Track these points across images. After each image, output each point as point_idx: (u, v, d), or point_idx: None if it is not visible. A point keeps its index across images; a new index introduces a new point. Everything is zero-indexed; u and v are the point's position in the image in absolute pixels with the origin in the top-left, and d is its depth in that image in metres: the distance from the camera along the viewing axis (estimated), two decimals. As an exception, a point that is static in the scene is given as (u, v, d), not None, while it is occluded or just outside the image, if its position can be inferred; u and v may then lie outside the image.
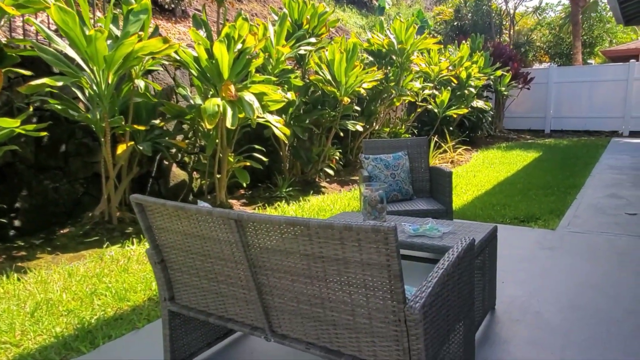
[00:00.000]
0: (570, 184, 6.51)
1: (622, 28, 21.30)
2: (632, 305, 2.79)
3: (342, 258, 1.45)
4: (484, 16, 17.31)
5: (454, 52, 11.48)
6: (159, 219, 1.90)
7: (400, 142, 4.22)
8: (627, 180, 6.59)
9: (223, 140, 5.49)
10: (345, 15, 18.01)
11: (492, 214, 5.04)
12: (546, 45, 20.73)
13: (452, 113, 10.62)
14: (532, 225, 4.58)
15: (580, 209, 5.12)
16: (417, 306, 1.38)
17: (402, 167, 3.98)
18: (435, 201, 3.90)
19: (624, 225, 4.47)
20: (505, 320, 2.67)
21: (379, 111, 8.65)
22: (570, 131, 14.42)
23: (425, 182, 4.15)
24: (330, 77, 6.69)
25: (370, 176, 3.91)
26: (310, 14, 6.78)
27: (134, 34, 4.04)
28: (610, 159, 8.73)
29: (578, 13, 17.10)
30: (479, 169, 8.41)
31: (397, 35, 8.12)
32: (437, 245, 2.41)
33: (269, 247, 1.60)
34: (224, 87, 4.83)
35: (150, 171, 5.66)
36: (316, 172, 7.30)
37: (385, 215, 2.96)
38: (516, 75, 13.36)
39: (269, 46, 5.82)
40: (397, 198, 3.96)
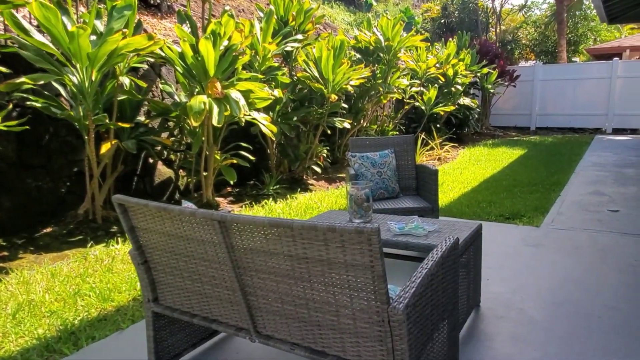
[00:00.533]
0: (555, 181, 6.60)
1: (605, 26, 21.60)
2: (612, 301, 2.84)
3: (326, 259, 1.45)
4: (470, 14, 17.41)
5: (441, 50, 11.54)
6: (141, 220, 1.88)
7: (387, 140, 4.23)
8: (609, 178, 6.69)
9: (209, 137, 5.45)
10: (333, 11, 17.98)
11: (478, 211, 5.09)
12: (532, 43, 20.93)
13: (439, 110, 10.68)
14: (517, 222, 4.63)
15: (564, 206, 5.19)
16: (400, 307, 1.38)
17: (389, 165, 3.99)
18: (422, 199, 3.92)
19: (606, 222, 4.54)
20: (489, 317, 2.70)
21: (366, 108, 8.66)
22: (555, 128, 14.59)
23: (411, 180, 4.16)
24: (317, 74, 6.67)
25: (357, 174, 3.92)
26: (296, 11, 6.76)
27: (118, 30, 3.99)
28: (593, 156, 8.86)
29: (563, 11, 17.29)
30: (466, 166, 8.48)
31: (384, 32, 8.13)
32: (422, 244, 2.42)
33: (253, 248, 1.60)
34: (210, 85, 4.79)
35: (135, 169, 5.60)
36: (304, 170, 7.29)
37: (371, 213, 2.96)
38: (502, 72, 13.47)
39: (255, 43, 5.78)
40: (384, 196, 3.97)
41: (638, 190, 5.87)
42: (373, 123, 9.65)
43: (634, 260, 3.48)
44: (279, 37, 6.11)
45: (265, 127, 5.50)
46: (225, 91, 4.80)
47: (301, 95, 7.05)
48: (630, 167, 7.48)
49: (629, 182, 6.32)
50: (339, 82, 6.66)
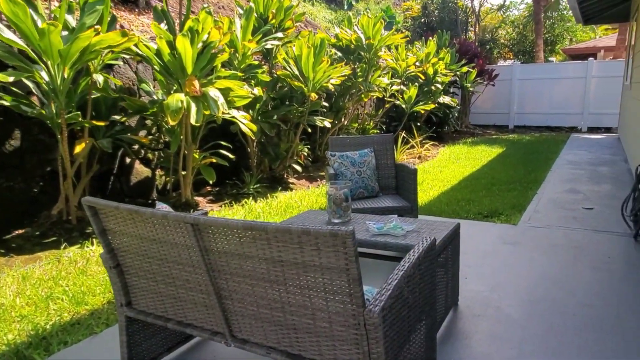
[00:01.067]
0: (532, 179, 6.70)
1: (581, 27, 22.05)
2: (586, 299, 2.89)
3: (301, 262, 1.43)
4: (450, 13, 17.57)
5: (421, 49, 11.61)
6: (112, 222, 1.83)
7: (367, 139, 4.22)
8: (584, 175, 6.83)
9: (188, 136, 5.37)
10: (314, 9, 17.92)
11: (457, 210, 5.13)
12: (510, 43, 21.23)
13: (419, 109, 10.74)
14: (495, 220, 4.69)
15: (540, 204, 5.27)
16: (376, 310, 1.37)
17: (368, 164, 3.99)
18: (401, 198, 3.93)
19: (580, 219, 4.63)
20: (467, 316, 2.72)
21: (347, 107, 8.66)
22: (533, 127, 14.84)
23: (391, 179, 4.17)
24: (297, 72, 6.64)
25: (337, 173, 3.90)
26: (276, 8, 6.70)
27: (91, 26, 3.89)
28: (569, 154, 9.04)
29: (540, 12, 17.58)
30: (446, 164, 8.55)
31: (365, 30, 8.13)
32: (401, 244, 2.42)
33: (227, 251, 1.56)
34: (187, 83, 4.72)
35: (111, 168, 5.49)
36: (284, 169, 7.25)
37: (350, 213, 2.96)
38: (481, 71, 13.63)
39: (234, 41, 5.71)
40: (363, 195, 3.96)
41: (611, 188, 6.00)
42: (354, 121, 9.66)
43: (607, 258, 3.55)
44: (259, 35, 6.05)
45: (245, 125, 5.44)
46: (204, 89, 4.73)
47: (281, 94, 7.00)
48: (604, 165, 7.65)
49: (603, 180, 6.46)
50: (319, 80, 6.63)
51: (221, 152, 5.89)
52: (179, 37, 4.46)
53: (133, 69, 5.76)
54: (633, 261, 3.49)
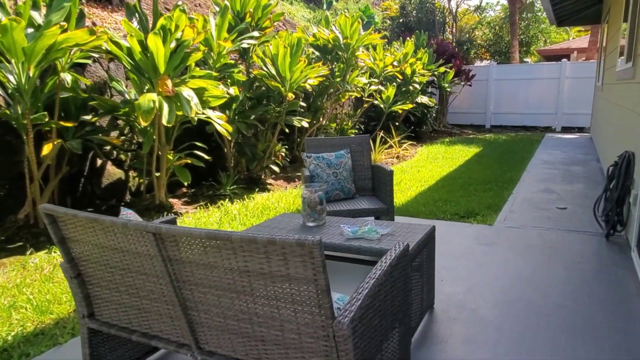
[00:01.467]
0: (508, 179, 6.77)
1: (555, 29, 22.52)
2: (560, 299, 2.91)
3: (268, 272, 1.37)
4: (428, 14, 17.70)
5: (399, 49, 11.65)
6: (72, 231, 1.74)
7: (343, 140, 4.18)
8: (558, 175, 6.94)
9: (161, 137, 5.25)
10: (293, 8, 17.83)
11: (434, 210, 5.14)
12: (487, 44, 21.53)
13: (397, 109, 10.78)
14: (471, 221, 4.71)
15: (515, 204, 5.33)
16: (345, 321, 1.32)
17: (345, 165, 3.95)
18: (378, 199, 3.91)
19: (554, 219, 4.68)
20: (443, 319, 2.70)
21: (325, 107, 8.62)
22: (509, 127, 15.06)
23: (367, 181, 4.14)
24: (274, 72, 6.56)
25: (312, 175, 3.85)
26: (254, 7, 6.61)
27: (57, 23, 3.74)
28: (543, 154, 9.19)
29: (515, 13, 17.86)
30: (423, 164, 8.59)
31: (342, 30, 8.10)
32: (375, 248, 2.38)
33: (191, 261, 1.50)
34: (160, 82, 4.60)
35: (82, 170, 5.33)
36: (262, 169, 7.17)
37: (324, 216, 2.91)
38: (458, 72, 13.76)
39: (209, 39, 5.61)
40: (340, 197, 3.92)
41: (584, 187, 6.11)
42: (332, 121, 9.62)
43: (580, 257, 3.59)
44: (234, 34, 5.95)
45: (221, 126, 5.35)
46: (177, 89, 4.62)
47: (258, 93, 6.91)
48: (577, 165, 7.79)
49: (576, 180, 6.58)
50: (296, 80, 6.57)
51: (196, 153, 5.78)
52: (151, 35, 4.34)
53: (104, 67, 5.60)
54: (604, 260, 3.53)
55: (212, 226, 4.75)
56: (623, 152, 3.85)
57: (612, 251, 3.71)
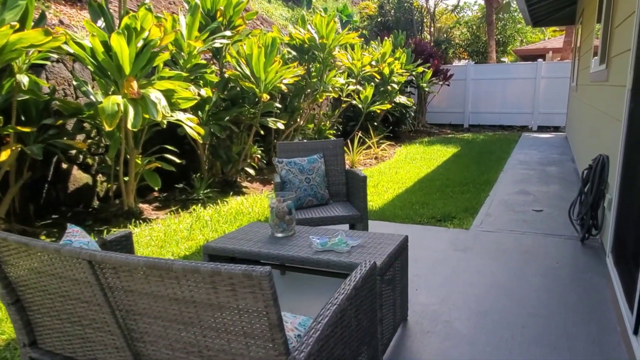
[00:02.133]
0: (485, 180, 6.76)
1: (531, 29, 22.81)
2: (535, 309, 2.85)
3: (217, 303, 1.24)
4: (406, 13, 17.71)
5: (377, 48, 11.59)
6: (6, 254, 1.57)
7: (316, 144, 4.06)
8: (534, 176, 6.96)
9: (129, 140, 5.05)
10: (271, 7, 17.63)
11: (410, 214, 5.06)
12: (465, 43, 21.68)
13: (376, 108, 10.71)
14: (447, 225, 4.64)
15: (492, 207, 5.29)
16: (301, 357, 1.21)
17: (317, 170, 3.83)
18: (352, 206, 3.80)
19: (530, 222, 4.65)
20: (416, 333, 2.61)
21: (302, 107, 8.48)
22: (487, 126, 15.17)
23: (341, 186, 4.03)
24: (249, 72, 6.40)
25: (284, 181, 3.73)
26: (224, 5, 6.42)
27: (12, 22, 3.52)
28: (520, 154, 9.24)
29: (492, 13, 18.01)
30: (402, 165, 8.54)
31: (318, 30, 7.97)
32: (344, 262, 2.27)
33: (133, 290, 1.36)
34: (125, 84, 4.41)
35: (46, 175, 5.09)
36: (237, 172, 7.00)
37: (294, 226, 2.79)
38: (437, 71, 13.78)
39: (179, 39, 5.42)
40: (313, 203, 3.80)
41: (559, 188, 6.12)
42: (310, 122, 9.50)
43: (555, 263, 3.55)
44: (206, 33, 5.77)
45: (192, 128, 5.17)
46: (143, 91, 4.44)
47: (232, 94, 6.74)
48: (552, 165, 7.84)
49: (552, 181, 6.60)
50: (271, 81, 6.42)
51: (167, 156, 5.58)
52: (114, 35, 4.14)
53: (69, 68, 5.36)
54: (580, 266, 3.50)
55: (182, 233, 4.58)
56: (597, 156, 3.82)
57: (588, 256, 3.68)
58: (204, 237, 4.46)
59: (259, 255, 2.46)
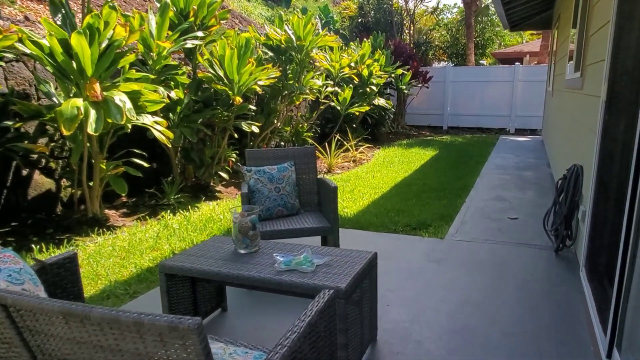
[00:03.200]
0: (462, 186, 6.71)
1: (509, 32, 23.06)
2: (507, 326, 2.76)
3: (145, 353, 1.09)
4: (386, 14, 17.68)
5: (356, 50, 11.49)
6: None
7: (286, 152, 3.91)
8: (510, 181, 6.94)
9: (93, 144, 4.82)
10: (250, 5, 17.39)
11: (385, 222, 4.96)
12: (444, 45, 21.79)
13: (354, 111, 10.62)
14: (422, 234, 4.55)
15: (468, 214, 5.23)
16: (240, 414, 1.06)
17: (288, 179, 3.69)
18: (323, 216, 3.67)
19: (505, 231, 4.60)
20: (385, 354, 2.49)
21: (279, 109, 8.32)
22: (465, 128, 15.24)
23: (313, 195, 3.89)
24: (222, 74, 6.21)
25: (253, 190, 3.57)
26: (198, 4, 6.22)
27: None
28: (497, 158, 9.25)
29: (471, 16, 18.13)
30: (379, 168, 8.45)
31: (296, 31, 7.82)
32: (307, 284, 2.13)
33: (54, 334, 1.19)
34: (87, 86, 4.19)
35: (4, 180, 4.82)
36: (210, 176, 6.80)
37: (258, 242, 2.64)
38: (416, 73, 13.76)
39: (147, 39, 5.20)
40: (283, 214, 3.66)
41: (535, 194, 6.11)
42: (287, 124, 9.34)
43: (529, 276, 3.48)
44: (176, 33, 5.56)
45: (161, 132, 4.97)
46: (107, 94, 4.22)
47: (205, 96, 6.54)
48: (528, 170, 7.85)
49: (527, 187, 6.59)
50: (245, 82, 6.24)
51: (135, 160, 5.36)
52: (74, 35, 3.92)
53: (30, 67, 5.10)
54: (553, 279, 3.44)
55: (147, 242, 4.38)
56: (572, 166, 3.78)
57: (562, 267, 3.62)
58: (171, 247, 4.27)
59: (218, 275, 2.31)
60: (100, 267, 3.75)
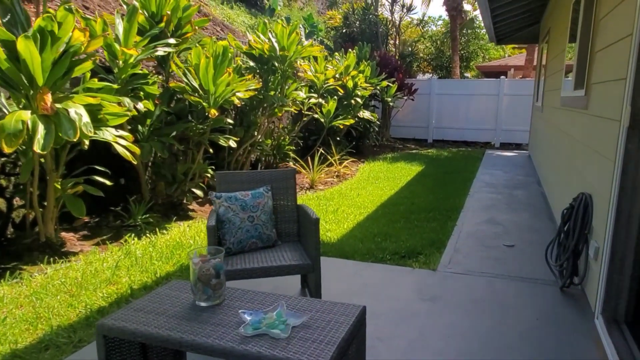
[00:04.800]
0: (451, 206, 6.35)
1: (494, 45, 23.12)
2: (519, 390, 2.35)
3: None
4: (371, 25, 17.45)
5: (340, 60, 11.14)
6: None
7: (262, 174, 3.47)
8: (502, 201, 6.60)
9: (48, 160, 4.31)
10: (233, 13, 17.00)
11: (372, 248, 4.54)
12: (429, 57, 21.68)
13: (338, 124, 10.25)
14: (412, 264, 4.13)
15: (460, 240, 4.84)
16: None
17: (263, 207, 3.24)
18: (303, 249, 3.22)
19: (502, 261, 4.22)
20: None
21: (259, 122, 7.87)
22: (451, 141, 15.00)
23: (292, 224, 3.45)
24: (197, 84, 5.75)
25: (223, 220, 3.11)
26: (172, 8, 5.77)
27: None
28: (485, 174, 8.94)
29: (456, 29, 18.03)
30: (364, 185, 8.06)
31: (279, 40, 7.41)
32: (279, 357, 1.68)
33: None
34: (38, 97, 3.69)
35: (-56, 200, 4.27)
36: (183, 193, 6.30)
37: (223, 292, 2.19)
38: (401, 86, 13.48)
39: (113, 45, 4.72)
40: (257, 246, 3.21)
41: (529, 217, 5.77)
42: (269, 137, 8.89)
43: (535, 320, 3.09)
44: (145, 40, 5.09)
45: (125, 147, 4.48)
46: (60, 106, 3.73)
47: (179, 108, 6.07)
48: (519, 189, 7.54)
49: (520, 207, 6.26)
50: (221, 94, 5.79)
51: (96, 178, 4.85)
52: (21, 39, 3.44)
53: (-22, 74, 4.56)
54: (562, 324, 3.05)
55: (104, 274, 3.87)
56: (579, 194, 3.42)
57: (571, 310, 3.23)
58: (130, 279, 3.77)
59: (168, 342, 1.85)
60: (43, 308, 3.23)
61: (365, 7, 18.05)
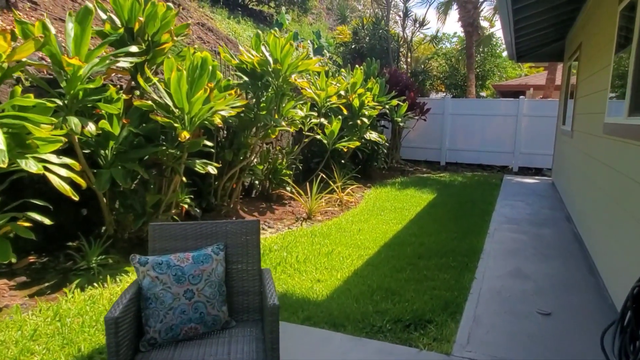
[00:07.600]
0: (468, 249, 5.36)
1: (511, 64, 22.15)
2: None
3: None
4: (382, 41, 16.65)
5: (347, 77, 10.29)
6: None
7: (216, 226, 2.54)
8: (528, 244, 5.58)
9: (-36, 195, 3.45)
10: (239, 27, 16.43)
11: (368, 312, 3.57)
12: (443, 75, 20.78)
13: (342, 146, 9.35)
14: (419, 341, 3.15)
15: (481, 302, 3.85)
16: None
17: (209, 276, 2.32)
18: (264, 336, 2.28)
19: (539, 338, 3.22)
20: None
21: (250, 143, 7.00)
22: (465, 164, 14.00)
23: (254, 295, 2.52)
24: (170, 102, 4.90)
25: (147, 298, 2.19)
26: (147, 15, 4.95)
27: None
28: (506, 206, 7.91)
29: (472, 46, 17.12)
30: (367, 217, 7.10)
31: (272, 52, 6.58)
32: None
33: None
34: None
35: None
36: (153, 227, 5.40)
37: None
38: (413, 105, 12.57)
39: (57, 54, 3.90)
40: (196, 333, 2.27)
41: (563, 267, 4.76)
42: (264, 160, 8.01)
43: None
44: (101, 47, 4.25)
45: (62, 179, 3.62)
46: (-38, 129, 2.88)
47: (149, 129, 5.20)
48: (547, 226, 6.51)
49: (551, 253, 5.23)
50: (198, 114, 4.93)
51: (31, 215, 3.96)
52: None
53: None
54: None
55: (10, 351, 2.96)
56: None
57: None
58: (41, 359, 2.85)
59: None
60: None
61: (375, 22, 17.29)
